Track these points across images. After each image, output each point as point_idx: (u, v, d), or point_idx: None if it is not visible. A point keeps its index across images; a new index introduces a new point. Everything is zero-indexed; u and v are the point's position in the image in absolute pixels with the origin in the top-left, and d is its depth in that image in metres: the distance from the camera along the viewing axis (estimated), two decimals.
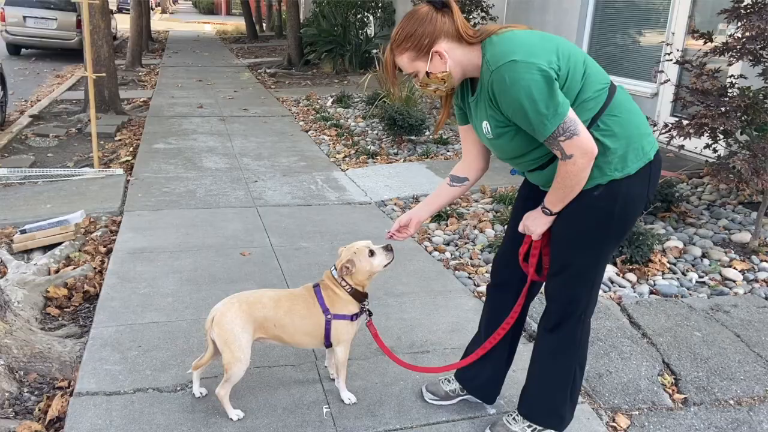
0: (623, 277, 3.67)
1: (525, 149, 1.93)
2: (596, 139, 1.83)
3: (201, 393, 2.45)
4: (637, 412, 2.54)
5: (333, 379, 2.57)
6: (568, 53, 1.83)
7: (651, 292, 3.55)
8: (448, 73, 1.90)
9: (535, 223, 2.03)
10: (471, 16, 9.11)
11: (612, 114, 1.86)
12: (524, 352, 2.56)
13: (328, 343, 2.39)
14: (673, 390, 2.68)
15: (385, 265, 2.37)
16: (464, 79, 1.98)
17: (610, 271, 3.71)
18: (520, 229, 2.10)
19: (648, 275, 3.71)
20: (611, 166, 1.87)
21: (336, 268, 2.38)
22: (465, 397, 2.46)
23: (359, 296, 2.38)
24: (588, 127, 1.83)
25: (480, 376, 2.38)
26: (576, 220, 1.95)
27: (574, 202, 1.92)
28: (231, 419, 2.32)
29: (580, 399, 2.55)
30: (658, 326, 3.11)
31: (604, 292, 3.52)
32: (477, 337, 2.41)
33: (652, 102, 6.66)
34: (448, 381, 2.46)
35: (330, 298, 2.36)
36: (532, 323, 3.05)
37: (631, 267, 3.75)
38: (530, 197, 2.14)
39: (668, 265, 3.82)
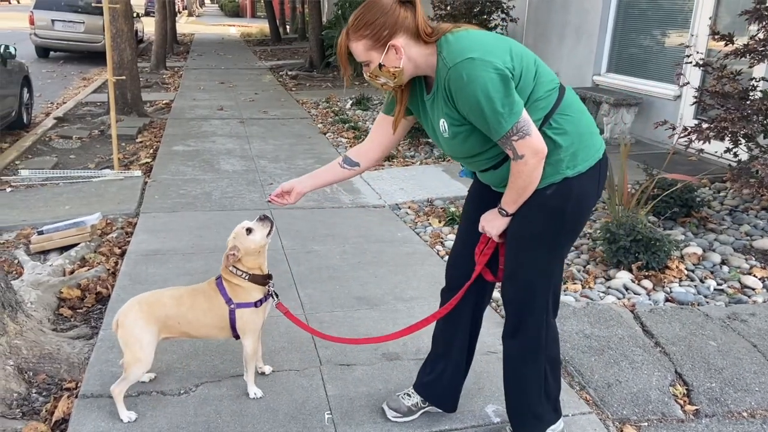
0: (638, 284, 3.60)
1: (479, 149, 1.94)
2: (548, 137, 1.86)
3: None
4: (646, 424, 2.48)
5: (263, 373, 2.61)
6: (521, 54, 1.85)
7: (666, 300, 3.47)
8: (401, 69, 1.89)
9: (491, 225, 2.04)
10: (491, 18, 9.05)
11: (563, 113, 1.89)
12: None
13: (236, 334, 2.40)
14: (685, 401, 2.61)
15: (267, 235, 2.36)
16: (416, 77, 1.97)
17: (624, 277, 3.64)
18: (479, 229, 2.10)
19: (664, 282, 3.63)
20: (563, 164, 1.89)
21: (223, 262, 2.39)
22: (426, 409, 2.41)
23: (260, 280, 2.38)
24: (541, 126, 1.86)
25: (438, 385, 2.35)
26: (529, 219, 1.96)
27: (527, 202, 1.93)
28: (122, 420, 2.31)
29: (587, 409, 2.51)
30: (672, 335, 3.04)
31: (618, 299, 3.45)
32: (433, 342, 2.39)
33: (675, 104, 6.53)
34: (408, 396, 2.41)
35: (232, 289, 2.37)
36: None
37: (647, 273, 3.67)
38: (483, 198, 2.14)
39: (686, 272, 3.74)
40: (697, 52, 5.12)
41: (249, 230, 2.35)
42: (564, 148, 1.88)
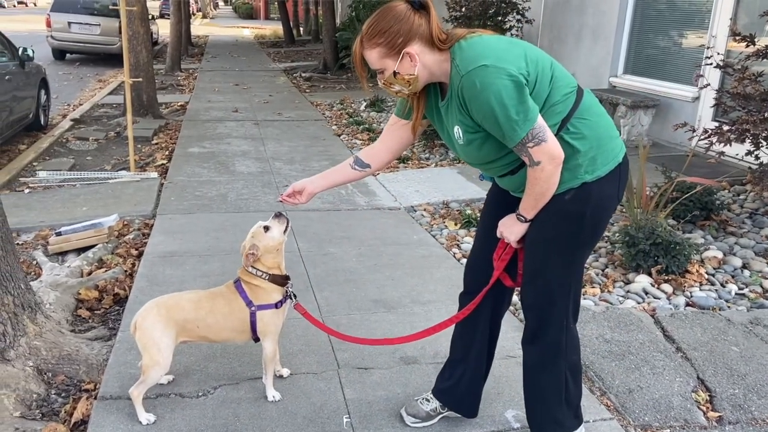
0: (658, 288, 3.55)
1: (495, 155, 1.92)
2: (566, 142, 1.84)
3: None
4: (668, 430, 2.44)
5: (281, 376, 2.62)
6: (536, 58, 1.82)
7: (687, 304, 3.42)
8: (415, 77, 1.87)
9: (510, 230, 2.02)
10: (507, 19, 9.01)
11: (581, 117, 1.86)
12: None
13: (255, 337, 2.40)
14: (708, 407, 2.57)
15: (284, 231, 2.37)
16: (432, 83, 1.95)
17: (644, 281, 3.60)
18: (498, 235, 2.08)
19: (684, 286, 3.58)
20: (582, 169, 1.87)
21: (244, 264, 2.39)
22: (445, 414, 2.39)
23: (280, 280, 2.38)
24: (558, 131, 1.84)
25: (457, 391, 2.33)
26: (548, 224, 1.94)
27: (546, 208, 1.90)
28: (140, 422, 2.31)
29: (608, 415, 2.48)
30: (694, 340, 2.99)
31: (638, 303, 3.41)
32: (452, 347, 2.37)
33: (693, 106, 6.46)
34: (427, 400, 2.39)
35: (252, 290, 2.37)
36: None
37: (666, 278, 3.62)
38: (501, 202, 2.13)
39: (706, 276, 3.68)
40: (717, 54, 5.06)
41: (266, 228, 2.36)
42: (582, 153, 1.86)
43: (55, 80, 11.53)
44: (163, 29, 19.72)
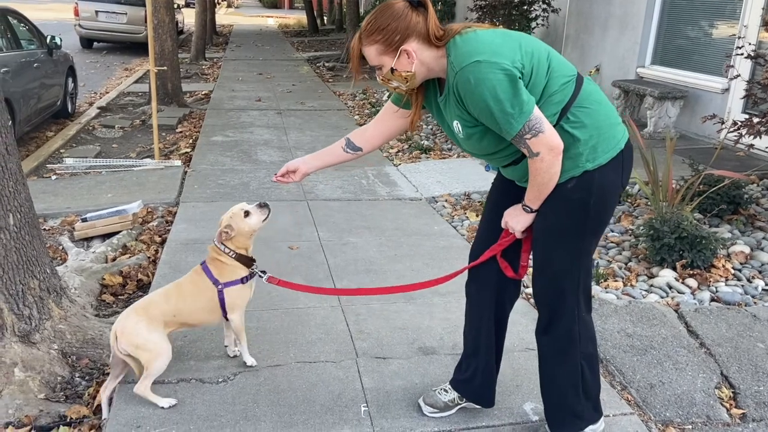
0: (683, 283, 3.50)
1: (495, 148, 1.94)
2: (566, 131, 1.84)
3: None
4: (690, 427, 2.41)
5: (235, 356, 2.68)
6: (531, 50, 1.83)
7: (712, 300, 3.36)
8: (413, 74, 1.89)
9: (516, 220, 2.03)
10: (532, 9, 8.89)
11: (581, 106, 1.86)
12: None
13: (225, 314, 2.49)
14: (731, 404, 2.53)
15: (263, 221, 2.47)
16: (430, 79, 1.97)
17: (668, 276, 3.54)
18: (503, 225, 2.09)
19: (710, 281, 3.51)
20: (583, 158, 1.87)
21: (216, 238, 2.47)
22: (463, 405, 2.38)
23: (245, 261, 2.48)
24: (558, 120, 1.85)
25: (474, 383, 2.33)
26: (553, 214, 1.95)
27: (550, 198, 1.91)
28: (162, 407, 2.36)
29: (629, 410, 2.45)
30: (718, 336, 2.94)
31: (661, 297, 3.36)
32: (464, 342, 2.36)
33: (723, 98, 6.32)
34: (446, 391, 2.39)
35: (217, 268, 2.46)
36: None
37: (692, 272, 3.56)
38: (505, 192, 2.13)
39: (732, 271, 3.61)
40: (749, 44, 4.93)
41: (247, 213, 2.45)
42: (583, 142, 1.86)
43: (83, 68, 11.68)
44: (188, 18, 19.84)
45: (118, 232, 4.13)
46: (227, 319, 2.52)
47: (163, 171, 5.59)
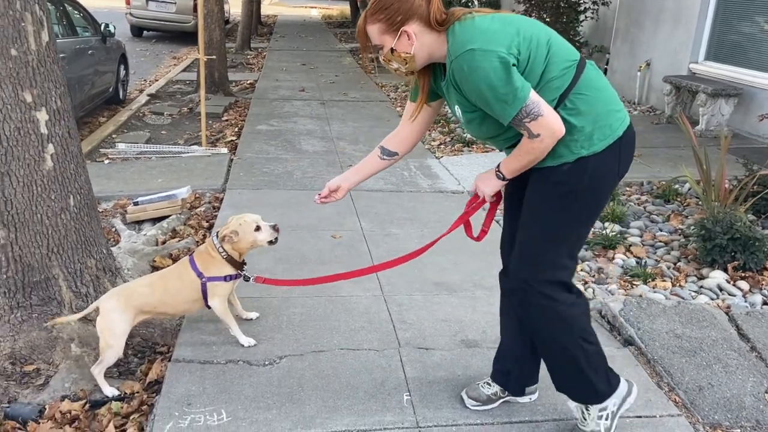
0: (734, 285, 3.41)
1: (495, 132, 1.95)
2: (563, 118, 1.84)
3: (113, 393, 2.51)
4: (738, 430, 2.36)
5: (249, 319, 2.87)
6: (530, 35, 1.83)
7: (764, 303, 3.28)
8: (412, 56, 1.91)
9: (486, 184, 2.05)
10: (582, 1, 8.73)
11: (580, 92, 1.86)
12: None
13: (207, 304, 2.59)
14: None
15: (270, 242, 2.57)
16: (432, 63, 1.98)
17: (719, 277, 3.46)
18: (472, 189, 2.12)
19: (762, 284, 3.42)
20: (578, 144, 1.87)
21: (218, 236, 2.54)
22: (506, 398, 2.39)
23: (235, 263, 2.57)
24: (556, 106, 1.84)
25: (513, 375, 2.34)
26: (543, 196, 1.96)
27: (544, 181, 1.93)
28: (106, 396, 2.45)
29: (676, 411, 2.42)
30: None
31: (711, 299, 3.29)
32: (501, 328, 2.39)
33: None
34: (489, 384, 2.39)
35: (205, 261, 2.56)
36: (629, 327, 2.91)
37: (743, 274, 3.47)
38: (516, 177, 2.07)
39: None
40: None
41: (258, 228, 2.54)
42: (578, 129, 1.86)
43: (133, 56, 11.95)
44: (234, 8, 20.09)
45: (167, 216, 4.24)
46: (209, 307, 2.61)
47: (210, 158, 5.70)
